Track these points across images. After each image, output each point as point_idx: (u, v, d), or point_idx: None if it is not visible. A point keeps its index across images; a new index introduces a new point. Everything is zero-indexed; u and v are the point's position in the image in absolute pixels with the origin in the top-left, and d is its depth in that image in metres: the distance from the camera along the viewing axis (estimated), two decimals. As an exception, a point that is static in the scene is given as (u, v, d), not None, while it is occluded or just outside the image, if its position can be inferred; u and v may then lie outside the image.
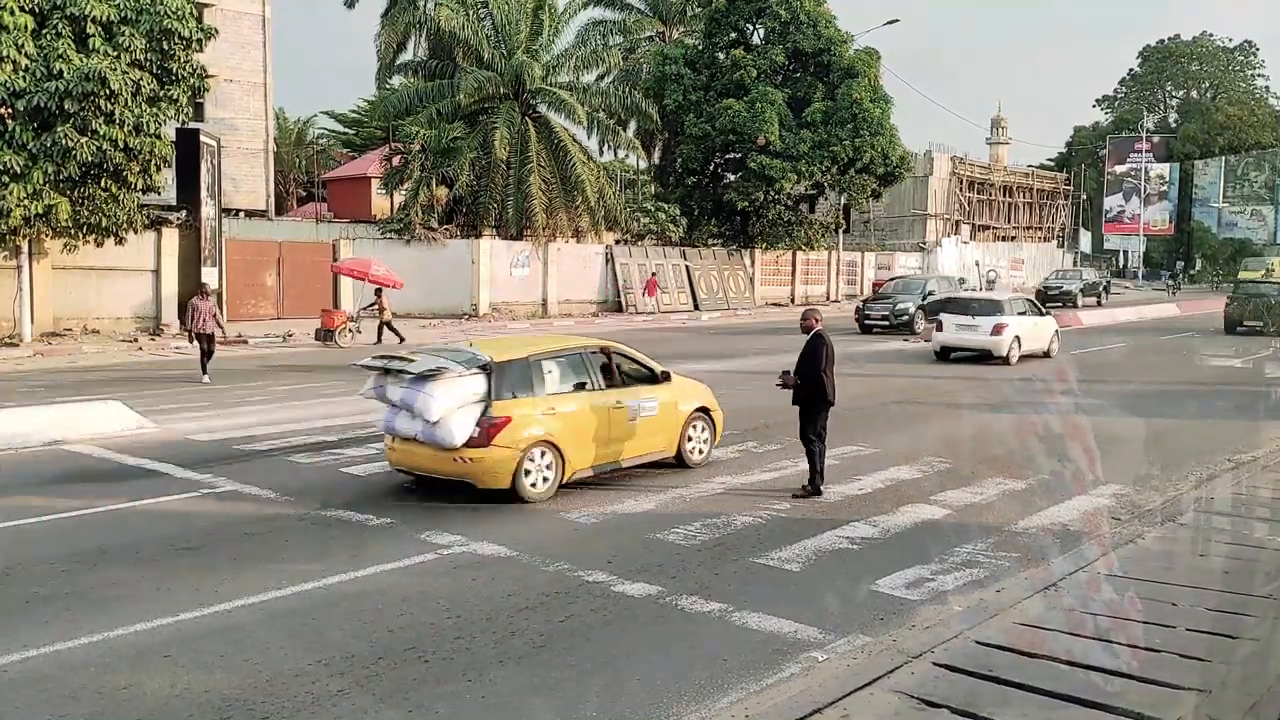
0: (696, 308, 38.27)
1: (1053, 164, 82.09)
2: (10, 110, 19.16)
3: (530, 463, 8.99)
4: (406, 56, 40.03)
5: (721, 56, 40.14)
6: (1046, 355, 22.12)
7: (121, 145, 19.88)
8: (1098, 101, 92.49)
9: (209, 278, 25.60)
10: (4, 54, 18.74)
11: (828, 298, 44.71)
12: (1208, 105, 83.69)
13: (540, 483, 9.08)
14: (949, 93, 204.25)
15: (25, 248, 21.76)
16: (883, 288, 34.21)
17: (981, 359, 21.03)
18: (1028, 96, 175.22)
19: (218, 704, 5.09)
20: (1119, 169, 76.23)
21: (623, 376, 10.16)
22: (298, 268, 28.49)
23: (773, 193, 40.33)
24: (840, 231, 44.01)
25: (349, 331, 24.33)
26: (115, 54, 19.63)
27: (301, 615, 6.34)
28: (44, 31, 19.40)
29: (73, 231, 20.99)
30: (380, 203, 44.52)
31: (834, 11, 41.08)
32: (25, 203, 19.29)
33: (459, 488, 9.02)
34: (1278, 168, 75.82)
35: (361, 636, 5.97)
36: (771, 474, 9.98)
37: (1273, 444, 12.25)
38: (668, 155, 45.43)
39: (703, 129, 39.10)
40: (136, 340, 23.70)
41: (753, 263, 42.80)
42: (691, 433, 10.58)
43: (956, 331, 21.60)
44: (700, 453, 10.69)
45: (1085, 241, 72.30)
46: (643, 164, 51.40)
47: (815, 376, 9.42)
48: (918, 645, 5.65)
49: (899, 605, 6.58)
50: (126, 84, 19.47)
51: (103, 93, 19.13)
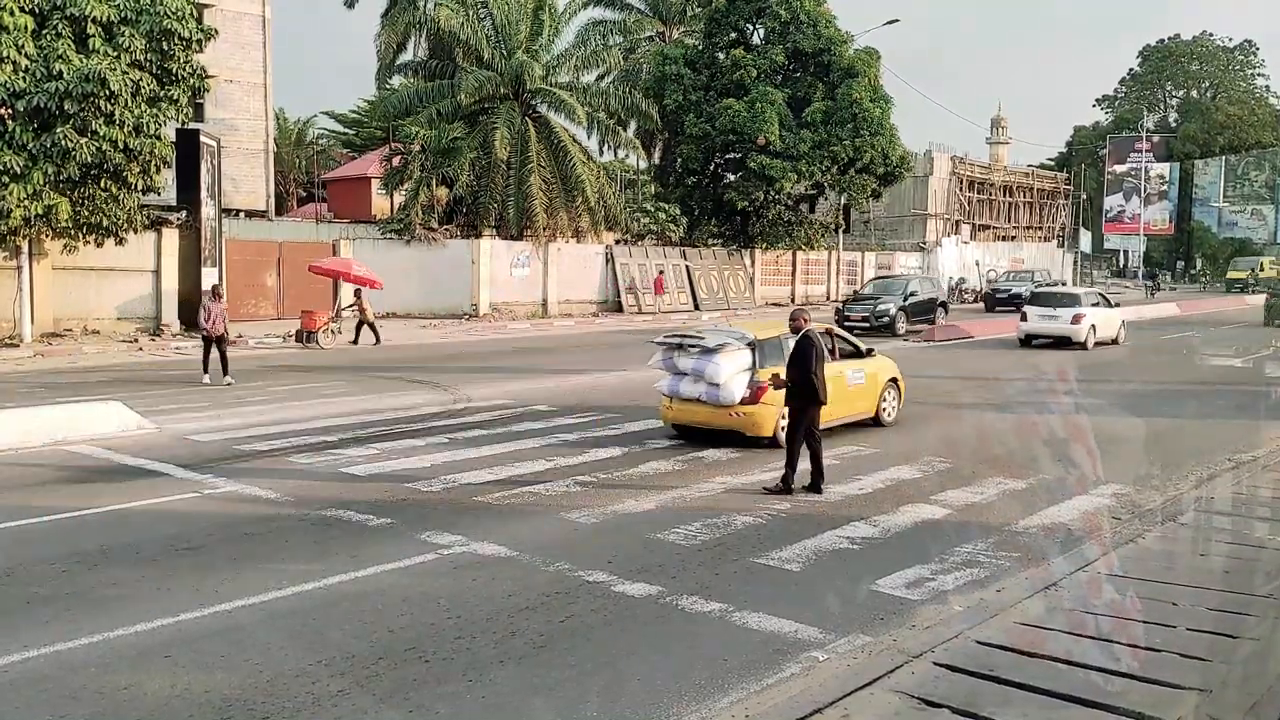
0: (697, 308, 38.28)
1: (1053, 164, 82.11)
2: (10, 111, 19.15)
3: (783, 419, 10.51)
4: (406, 57, 40.07)
5: (721, 56, 40.14)
6: (1115, 342, 24.79)
7: (121, 146, 19.87)
8: (1098, 101, 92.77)
9: (209, 278, 25.60)
10: (4, 54, 18.74)
11: (828, 297, 44.74)
12: (1208, 105, 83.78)
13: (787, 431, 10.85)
14: (949, 93, 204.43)
15: (25, 248, 21.76)
16: (864, 288, 33.27)
17: (1060, 344, 23.84)
18: (1028, 96, 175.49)
19: (218, 704, 5.09)
20: (1119, 169, 76.26)
21: (841, 353, 12.29)
22: (298, 268, 28.45)
23: (773, 193, 40.34)
24: (840, 231, 44.01)
25: (330, 332, 24.21)
26: (115, 54, 19.63)
27: (302, 615, 6.33)
28: (44, 32, 19.40)
29: (73, 232, 20.99)
30: (380, 203, 44.53)
31: (834, 11, 41.15)
32: (25, 203, 19.28)
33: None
34: (1278, 167, 75.88)
35: (362, 637, 5.96)
36: (772, 474, 9.96)
37: (1273, 443, 12.26)
38: (668, 155, 45.44)
39: (703, 129, 39.11)
40: (137, 340, 23.70)
41: (753, 263, 42.81)
42: (886, 397, 13.06)
43: (1039, 321, 24.40)
44: (890, 414, 13.12)
45: (1085, 241, 72.25)
46: (643, 164, 51.40)
47: (805, 377, 9.47)
48: (918, 645, 5.65)
49: (899, 605, 6.58)
50: (126, 84, 19.47)
51: (103, 93, 19.12)
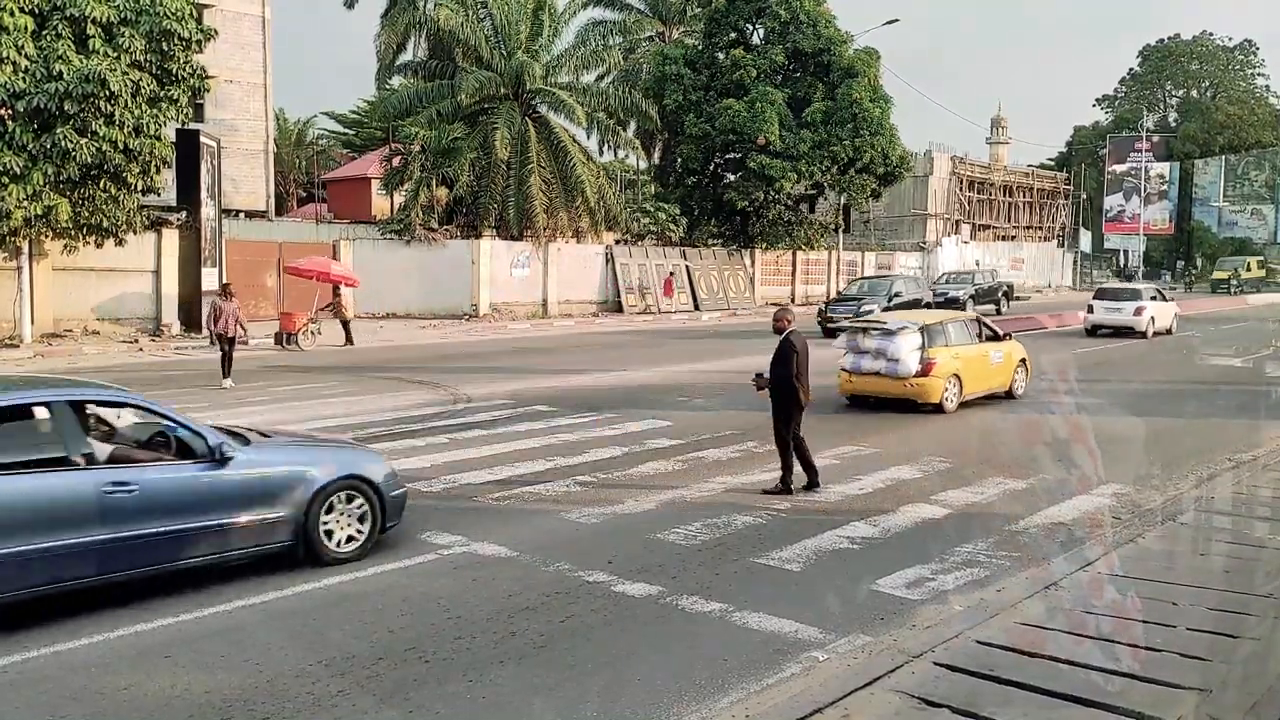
0: (697, 308, 38.28)
1: (1053, 164, 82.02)
2: (10, 111, 19.15)
3: (947, 389, 14.07)
4: (406, 57, 40.05)
5: (721, 56, 40.13)
6: (1169, 332, 27.86)
7: (121, 146, 19.87)
8: (1098, 101, 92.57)
9: (209, 279, 25.62)
10: (4, 55, 18.73)
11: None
12: (1208, 104, 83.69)
13: (953, 399, 14.28)
14: (949, 93, 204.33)
15: (26, 249, 21.76)
16: (847, 289, 32.15)
17: (1122, 334, 27.07)
18: (1028, 96, 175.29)
19: (219, 704, 5.09)
20: (1119, 168, 76.14)
21: (984, 336, 15.22)
22: (298, 269, 28.43)
23: (773, 193, 40.32)
24: (840, 231, 43.97)
25: (310, 333, 23.93)
26: (115, 55, 19.62)
27: (302, 616, 6.34)
28: (44, 33, 19.39)
29: (73, 233, 20.98)
30: (380, 203, 44.49)
31: (834, 11, 41.12)
32: (25, 204, 19.28)
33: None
34: (1278, 167, 75.85)
35: (362, 637, 5.97)
36: (772, 474, 9.95)
37: (1273, 443, 12.26)
38: (668, 155, 45.42)
39: (703, 129, 39.10)
40: (137, 341, 23.70)
41: (753, 263, 42.80)
42: (1017, 375, 15.75)
43: (1105, 313, 27.83)
44: (1020, 388, 15.80)
45: (1085, 241, 72.25)
46: (643, 164, 51.39)
47: (786, 379, 9.45)
48: (918, 645, 5.65)
49: (899, 605, 6.59)
50: (126, 85, 19.46)
51: (102, 94, 19.12)
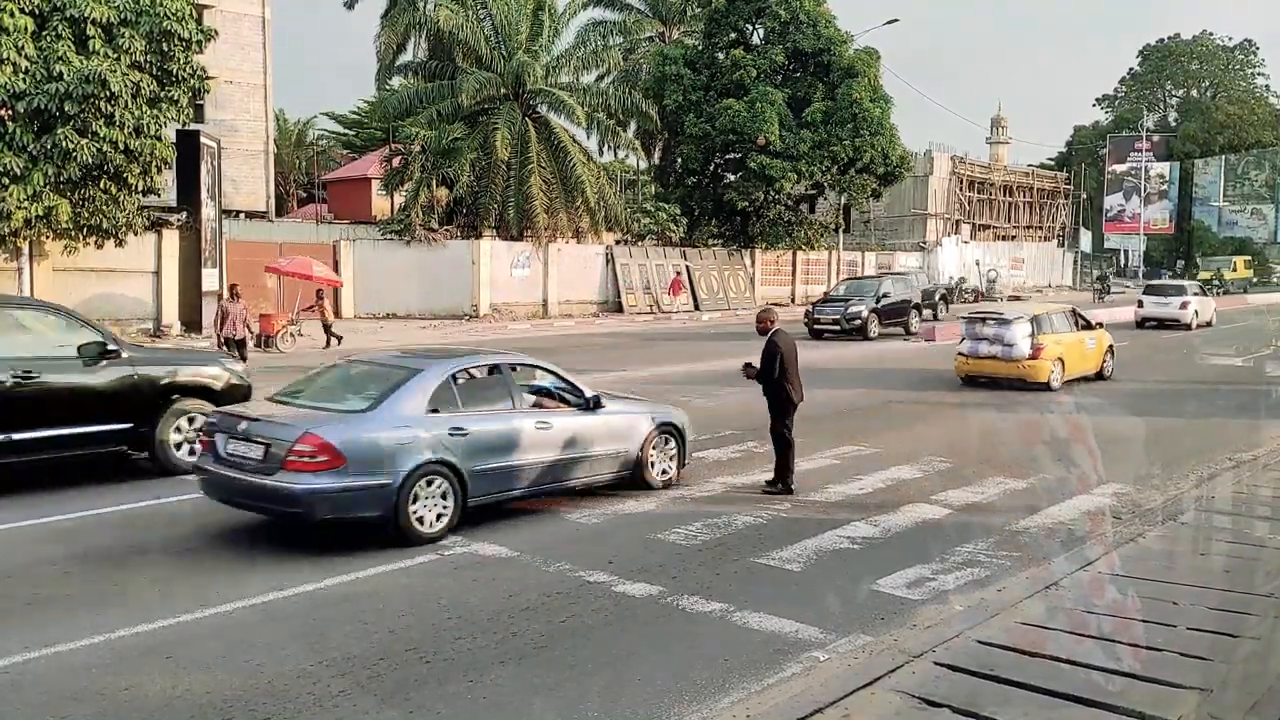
0: (697, 308, 38.29)
1: (1053, 163, 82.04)
2: (10, 112, 19.13)
3: (1053, 370, 16.45)
4: (406, 57, 40.04)
5: (721, 56, 40.13)
6: (1209, 324, 31.39)
7: (122, 147, 19.84)
8: (1098, 101, 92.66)
9: (209, 279, 25.63)
10: (4, 56, 18.71)
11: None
12: (1208, 104, 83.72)
13: (1058, 379, 16.54)
14: (949, 93, 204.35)
15: (26, 250, 21.74)
16: (835, 289, 30.93)
17: (1170, 326, 30.01)
18: (1028, 96, 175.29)
19: (219, 705, 5.09)
20: (1119, 168, 76.15)
21: (1080, 325, 17.65)
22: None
23: (773, 193, 40.33)
24: (840, 231, 44.00)
25: (290, 335, 23.65)
26: (115, 56, 19.60)
27: (303, 616, 6.34)
28: (44, 33, 19.37)
29: (73, 233, 20.96)
30: (380, 204, 44.50)
31: (834, 11, 41.15)
32: (25, 205, 19.25)
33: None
34: (1278, 166, 75.84)
35: (363, 637, 5.97)
36: (772, 473, 9.94)
37: (1273, 442, 12.25)
38: (668, 155, 45.42)
39: (703, 129, 39.10)
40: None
41: (753, 263, 42.80)
42: (1107, 359, 18.30)
43: (1154, 307, 31.11)
44: (1109, 371, 18.35)
45: (1085, 241, 72.26)
46: (643, 164, 51.38)
47: (773, 379, 9.47)
48: (919, 645, 5.65)
49: (900, 605, 6.59)
50: (126, 86, 19.44)
51: (103, 94, 19.10)
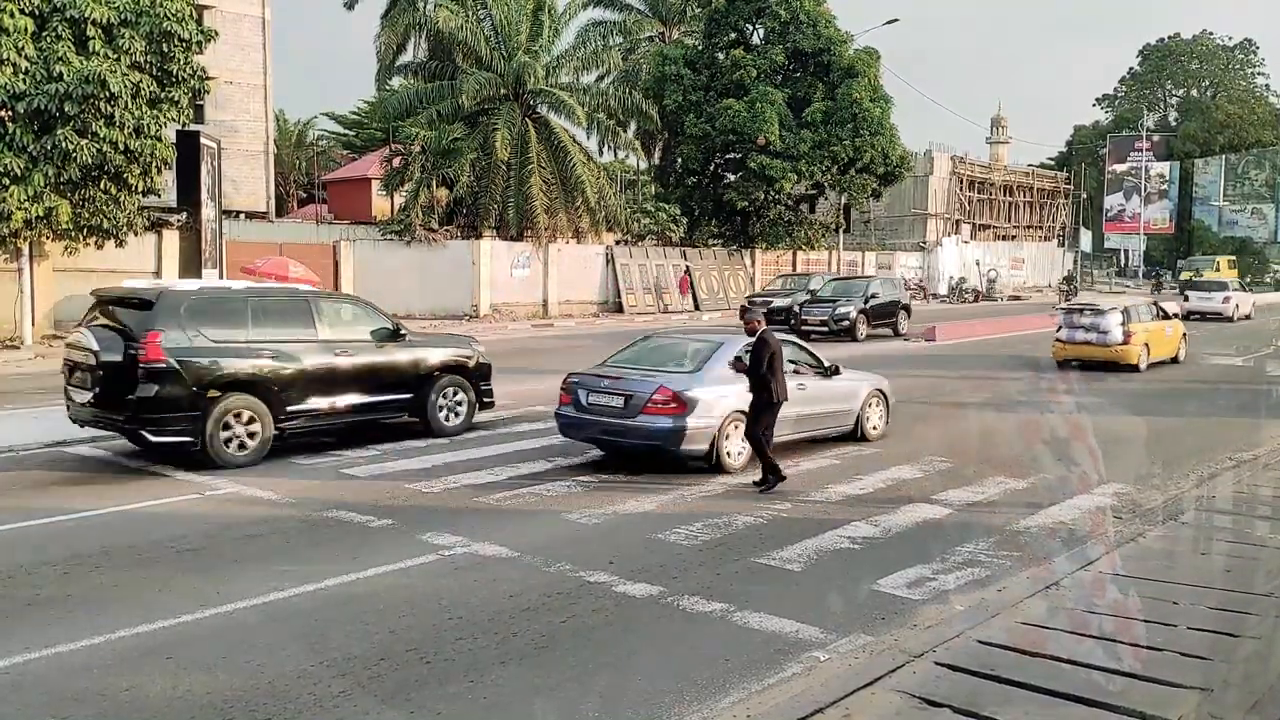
0: (697, 308, 38.28)
1: (1053, 163, 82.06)
2: (10, 113, 19.13)
3: (1141, 354, 19.30)
4: (406, 58, 40.05)
5: (721, 56, 40.12)
6: (1248, 317, 33.96)
7: (122, 147, 19.84)
8: (1098, 100, 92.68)
9: (209, 280, 25.60)
10: (4, 56, 18.71)
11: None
12: (1208, 103, 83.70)
13: (1144, 362, 19.42)
14: (949, 93, 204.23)
15: (26, 250, 21.75)
16: (822, 289, 29.02)
17: (1212, 318, 32.98)
18: (1028, 96, 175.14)
19: (220, 705, 5.09)
20: (1119, 168, 76.11)
21: (1159, 316, 20.50)
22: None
23: (773, 193, 40.32)
24: (840, 231, 43.98)
25: None
26: (115, 56, 19.59)
27: (303, 616, 6.34)
28: (44, 34, 19.37)
29: (73, 234, 20.95)
30: (381, 204, 44.51)
31: (834, 11, 41.13)
32: (26, 205, 19.25)
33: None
34: (1278, 166, 75.80)
35: (363, 638, 5.97)
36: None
37: (1274, 442, 12.25)
38: (668, 155, 45.42)
39: (703, 129, 39.08)
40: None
41: (753, 263, 42.78)
42: (1182, 345, 21.19)
43: (1199, 301, 34.26)
44: (1182, 355, 21.13)
45: (1086, 240, 72.21)
46: (643, 164, 51.37)
47: (759, 379, 9.52)
48: (919, 644, 5.65)
49: (900, 605, 6.59)
50: (126, 86, 19.43)
51: (103, 95, 19.09)
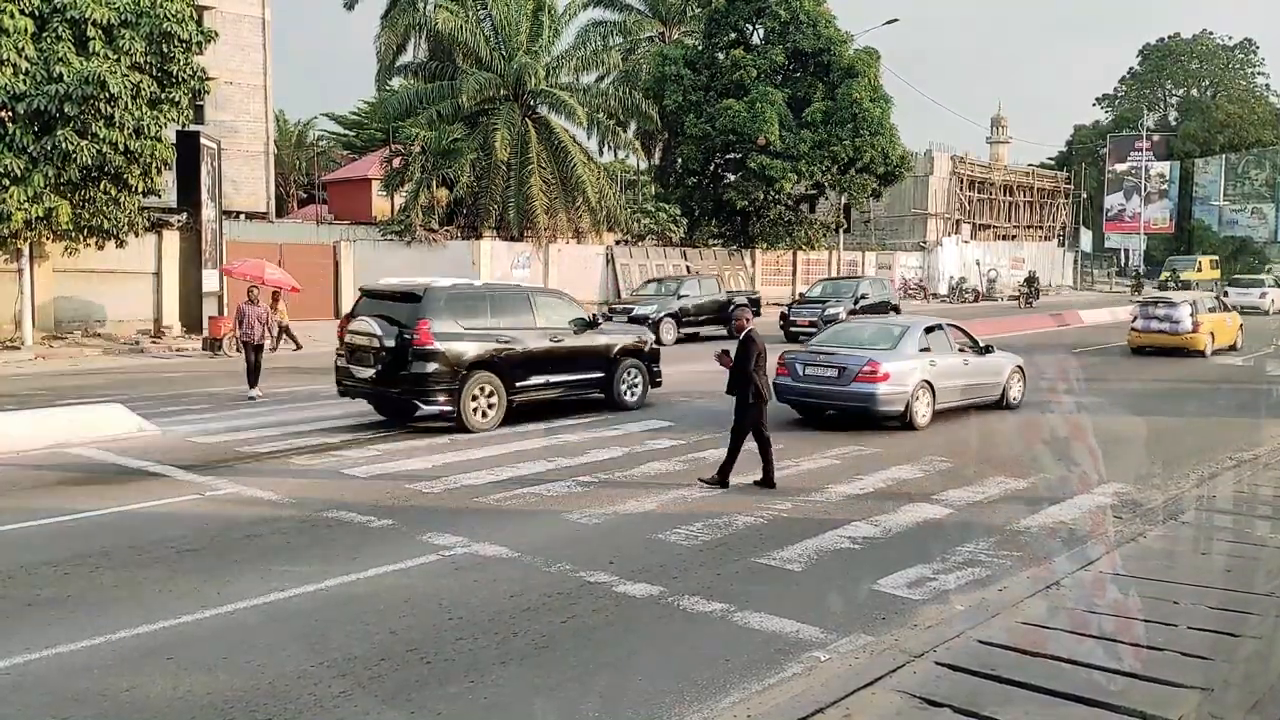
0: (697, 308, 38.22)
1: (1053, 163, 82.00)
2: (10, 113, 19.15)
3: (1208, 341, 22.07)
4: (406, 58, 40.02)
5: (721, 57, 40.11)
6: None
7: (122, 148, 19.87)
8: (1098, 100, 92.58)
9: (210, 280, 25.62)
10: (4, 57, 18.74)
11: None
12: (1208, 103, 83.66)
13: (1210, 349, 22.20)
14: (949, 93, 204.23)
15: (26, 251, 21.77)
16: (811, 290, 29.10)
17: (1249, 312, 33.97)
18: (1028, 96, 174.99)
19: (220, 706, 5.09)
20: (1119, 167, 76.09)
21: (1223, 308, 23.58)
22: (298, 270, 28.38)
23: (773, 193, 40.29)
24: (841, 231, 43.95)
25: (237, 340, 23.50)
26: (115, 57, 19.62)
27: (303, 617, 6.34)
28: (44, 35, 19.39)
29: (73, 234, 20.98)
30: (381, 204, 44.50)
31: (834, 11, 41.10)
32: (26, 206, 19.28)
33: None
34: (1278, 165, 75.78)
35: (363, 638, 5.97)
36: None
37: (1274, 442, 12.26)
38: (668, 156, 45.40)
39: (703, 129, 39.07)
40: (138, 343, 23.71)
41: (753, 263, 42.78)
42: (1238, 334, 23.84)
43: (1237, 296, 37.39)
44: (1239, 344, 23.84)
45: (1086, 240, 72.24)
46: (643, 164, 51.36)
47: (745, 377, 9.60)
48: (920, 644, 5.65)
49: (901, 605, 6.59)
50: (126, 87, 19.46)
51: (103, 96, 19.12)
